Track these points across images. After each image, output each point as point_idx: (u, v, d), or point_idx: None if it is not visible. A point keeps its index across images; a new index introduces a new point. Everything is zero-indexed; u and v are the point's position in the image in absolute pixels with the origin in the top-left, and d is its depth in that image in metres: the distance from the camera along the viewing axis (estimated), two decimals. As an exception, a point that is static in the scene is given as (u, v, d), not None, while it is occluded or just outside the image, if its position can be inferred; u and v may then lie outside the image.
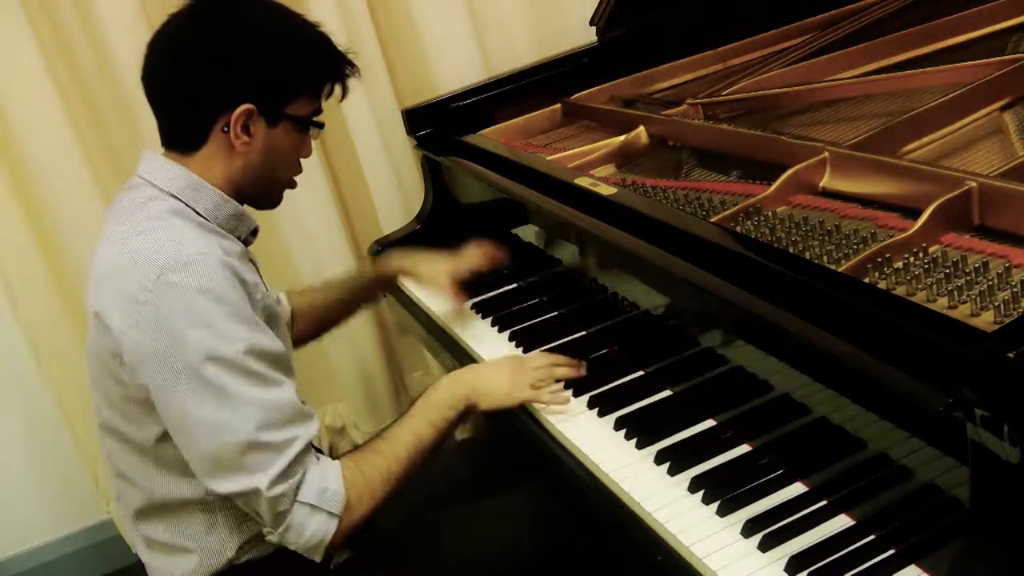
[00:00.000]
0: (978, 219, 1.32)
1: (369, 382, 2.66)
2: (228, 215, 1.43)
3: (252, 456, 1.31)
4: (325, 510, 1.34)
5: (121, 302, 1.31)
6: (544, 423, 1.54)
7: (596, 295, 1.73)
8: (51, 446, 2.55)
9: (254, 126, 1.38)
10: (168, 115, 1.42)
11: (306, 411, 1.37)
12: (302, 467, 1.34)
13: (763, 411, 1.34)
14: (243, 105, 1.36)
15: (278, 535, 1.36)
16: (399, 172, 2.52)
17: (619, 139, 1.95)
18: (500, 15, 2.52)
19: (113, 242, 1.36)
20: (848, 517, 1.20)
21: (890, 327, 1.11)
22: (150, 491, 1.42)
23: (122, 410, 1.39)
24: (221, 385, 1.29)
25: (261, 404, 1.31)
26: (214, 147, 1.39)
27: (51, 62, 2.25)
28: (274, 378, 1.33)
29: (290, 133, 1.42)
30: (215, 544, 1.43)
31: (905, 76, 1.79)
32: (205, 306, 1.29)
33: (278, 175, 1.47)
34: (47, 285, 2.38)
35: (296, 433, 1.34)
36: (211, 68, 1.36)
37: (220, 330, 1.29)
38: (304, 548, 1.36)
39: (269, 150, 1.41)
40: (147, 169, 1.42)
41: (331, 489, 1.35)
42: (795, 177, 1.53)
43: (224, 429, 1.30)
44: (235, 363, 1.29)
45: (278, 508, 1.32)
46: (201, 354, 1.28)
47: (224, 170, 1.41)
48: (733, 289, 1.31)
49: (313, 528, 1.34)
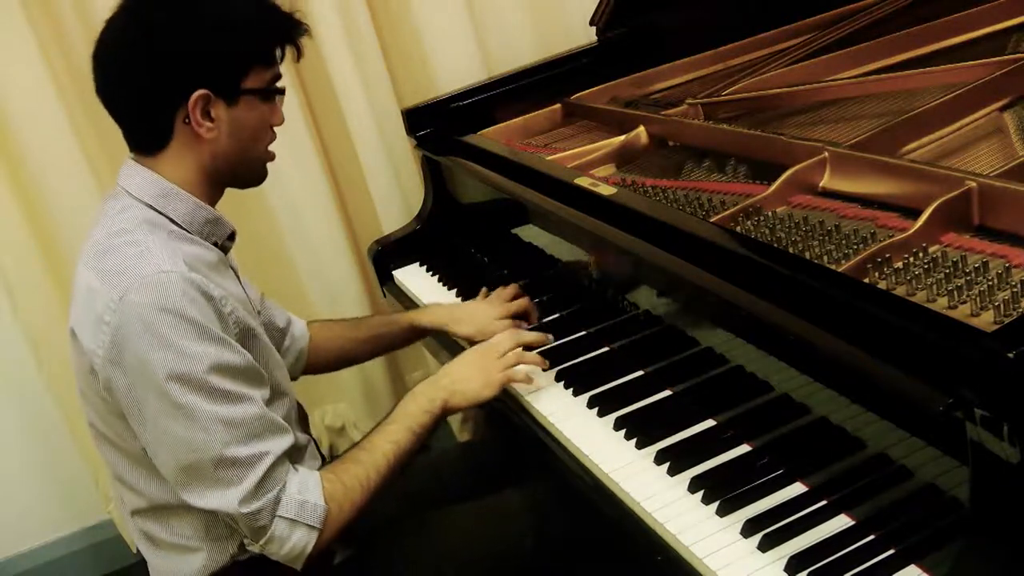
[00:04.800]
0: (978, 219, 1.32)
1: (369, 382, 2.66)
2: (203, 221, 1.42)
3: (223, 472, 1.31)
4: (305, 523, 1.35)
5: (90, 321, 1.32)
6: (544, 423, 1.54)
7: (596, 295, 1.73)
8: (51, 446, 2.55)
9: (214, 109, 1.36)
10: (128, 121, 1.41)
11: (277, 424, 1.37)
12: (278, 482, 1.34)
13: (763, 411, 1.34)
14: (197, 91, 1.34)
15: (258, 547, 1.37)
16: (399, 172, 2.52)
17: (619, 139, 1.95)
18: (500, 15, 2.52)
19: (87, 258, 1.37)
20: (848, 517, 1.20)
21: (890, 327, 1.11)
22: (148, 495, 1.43)
23: (108, 422, 1.40)
24: (187, 404, 1.28)
25: (228, 421, 1.30)
26: (181, 141, 1.38)
27: (51, 62, 2.25)
28: (240, 394, 1.32)
29: (253, 106, 1.40)
30: (216, 543, 1.43)
31: (905, 76, 1.79)
32: (167, 326, 1.27)
33: (252, 150, 1.44)
34: (47, 285, 2.38)
35: (267, 447, 1.33)
36: (156, 63, 1.34)
37: (182, 349, 1.28)
38: (285, 559, 1.37)
39: (236, 129, 1.39)
40: (124, 177, 1.42)
41: (311, 502, 1.36)
42: (795, 177, 1.53)
43: (193, 447, 1.30)
44: (199, 382, 1.29)
45: (256, 524, 1.33)
46: (165, 374, 1.28)
47: (197, 161, 1.40)
48: (733, 289, 1.31)
49: (294, 541, 1.35)
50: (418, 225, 2.29)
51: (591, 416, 1.51)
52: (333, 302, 2.53)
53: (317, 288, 2.54)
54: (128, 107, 1.39)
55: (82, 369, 1.37)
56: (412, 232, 2.28)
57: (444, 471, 1.82)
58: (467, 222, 2.21)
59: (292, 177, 2.41)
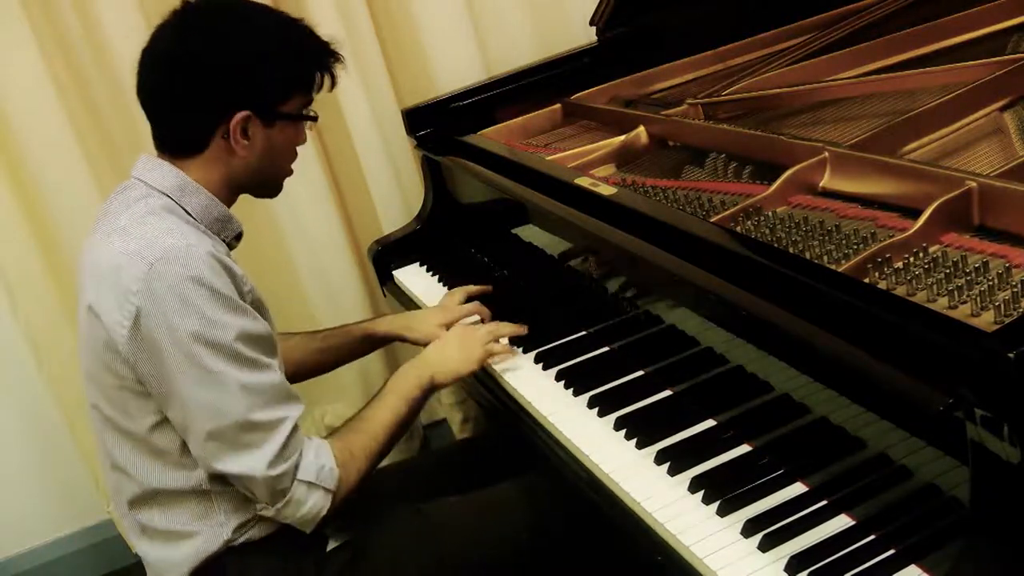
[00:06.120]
0: (978, 219, 1.32)
1: (369, 382, 2.65)
2: (215, 218, 1.47)
3: (247, 436, 1.37)
4: (322, 487, 1.42)
5: (116, 296, 1.36)
6: (544, 423, 1.54)
7: (596, 295, 1.73)
8: (51, 446, 2.55)
9: (252, 129, 1.43)
10: (167, 126, 1.46)
11: (293, 391, 1.44)
12: (297, 447, 1.41)
13: (763, 411, 1.34)
14: (241, 112, 1.41)
15: (274, 510, 1.42)
16: (399, 172, 2.52)
17: (619, 139, 1.95)
18: (500, 15, 2.52)
19: (108, 238, 1.40)
20: (848, 517, 1.20)
21: (890, 327, 1.11)
22: (145, 481, 1.45)
23: (116, 401, 1.42)
24: (215, 369, 1.34)
25: (252, 387, 1.37)
26: (214, 152, 1.45)
27: (51, 62, 2.24)
28: (263, 362, 1.39)
29: (286, 129, 1.48)
30: (211, 528, 1.46)
31: (905, 76, 1.79)
32: (196, 295, 1.33)
33: (278, 168, 1.53)
34: (47, 285, 2.38)
35: (286, 413, 1.40)
36: (206, 81, 1.40)
37: (211, 318, 1.34)
38: (299, 521, 1.44)
39: (268, 149, 1.47)
40: (140, 170, 1.47)
41: (327, 467, 1.43)
42: (795, 177, 1.53)
43: (220, 411, 1.36)
44: (228, 349, 1.35)
45: (278, 487, 1.39)
46: (194, 341, 1.33)
47: (224, 171, 1.46)
48: (733, 289, 1.31)
49: (310, 504, 1.42)
50: (418, 225, 2.29)
51: (591, 416, 1.51)
52: (333, 302, 2.53)
53: (317, 288, 2.54)
54: (169, 115, 1.45)
55: (96, 346, 1.40)
56: (412, 232, 2.28)
57: (443, 467, 1.84)
58: (467, 222, 2.21)
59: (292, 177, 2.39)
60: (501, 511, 1.60)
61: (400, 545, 1.54)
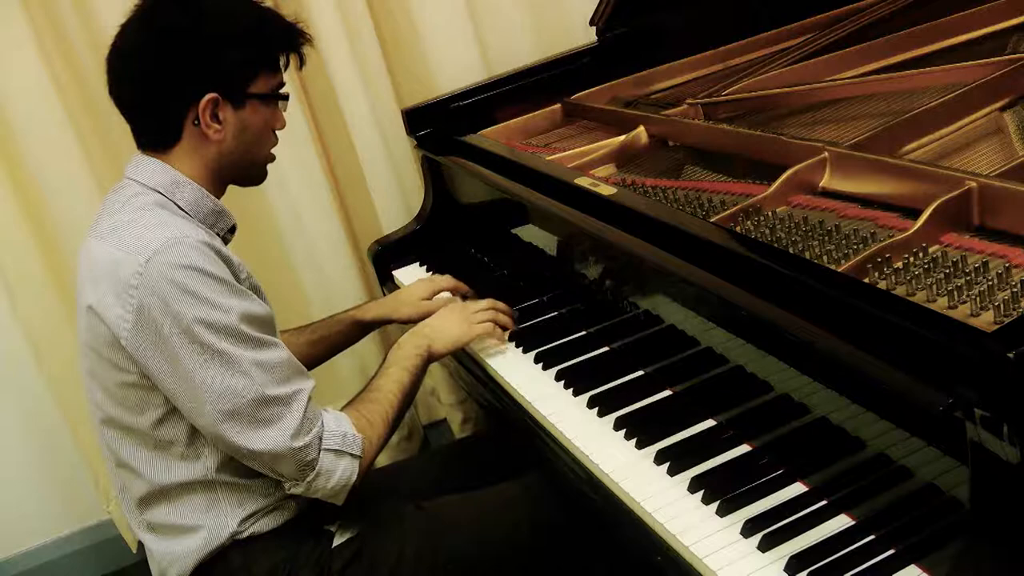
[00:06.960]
0: (978, 219, 1.32)
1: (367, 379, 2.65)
2: (208, 210, 1.50)
3: (265, 411, 1.39)
4: (349, 453, 1.44)
5: (116, 292, 1.38)
6: (544, 423, 1.54)
7: (596, 295, 1.73)
8: (51, 446, 2.55)
9: (222, 112, 1.45)
10: (140, 121, 1.50)
11: (302, 367, 1.47)
12: (317, 418, 1.43)
13: (763, 411, 1.34)
14: (207, 95, 1.43)
15: (304, 485, 1.43)
16: (399, 172, 2.52)
17: (619, 139, 1.95)
18: (500, 15, 2.52)
19: (103, 237, 1.43)
20: (848, 517, 1.20)
21: (890, 327, 1.11)
22: (152, 477, 1.47)
23: (120, 398, 1.44)
24: (224, 351, 1.36)
25: (263, 364, 1.39)
26: (189, 140, 1.47)
27: (51, 62, 2.25)
28: (270, 341, 1.42)
29: (258, 110, 1.50)
30: (218, 521, 1.47)
31: (905, 76, 1.79)
32: (194, 282, 1.35)
33: (256, 152, 1.54)
34: (47, 285, 2.38)
35: (300, 386, 1.43)
36: (169, 69, 1.43)
37: (213, 302, 1.36)
38: (331, 492, 1.45)
39: (242, 131, 1.48)
40: (133, 170, 1.49)
41: (350, 433, 1.46)
42: (795, 177, 1.53)
43: (235, 391, 1.37)
44: (233, 330, 1.37)
45: (306, 458, 1.41)
46: (200, 325, 1.35)
47: (204, 159, 1.48)
48: (733, 289, 1.31)
49: (339, 472, 1.43)
50: (418, 225, 2.29)
51: (591, 416, 1.51)
52: (332, 302, 2.52)
53: (317, 288, 2.54)
54: (140, 109, 1.48)
55: (99, 345, 1.42)
56: (412, 232, 2.28)
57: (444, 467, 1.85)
58: (467, 222, 2.21)
59: (292, 177, 2.40)
60: (501, 510, 1.60)
61: (404, 541, 1.54)
